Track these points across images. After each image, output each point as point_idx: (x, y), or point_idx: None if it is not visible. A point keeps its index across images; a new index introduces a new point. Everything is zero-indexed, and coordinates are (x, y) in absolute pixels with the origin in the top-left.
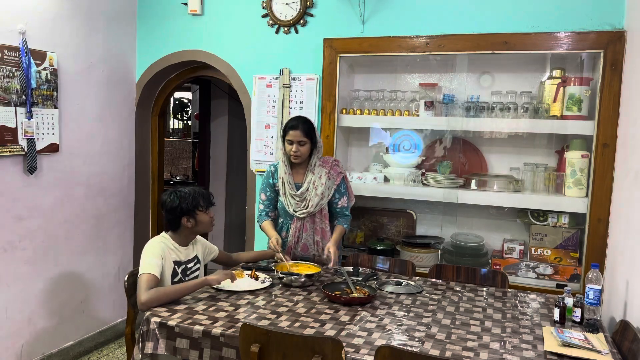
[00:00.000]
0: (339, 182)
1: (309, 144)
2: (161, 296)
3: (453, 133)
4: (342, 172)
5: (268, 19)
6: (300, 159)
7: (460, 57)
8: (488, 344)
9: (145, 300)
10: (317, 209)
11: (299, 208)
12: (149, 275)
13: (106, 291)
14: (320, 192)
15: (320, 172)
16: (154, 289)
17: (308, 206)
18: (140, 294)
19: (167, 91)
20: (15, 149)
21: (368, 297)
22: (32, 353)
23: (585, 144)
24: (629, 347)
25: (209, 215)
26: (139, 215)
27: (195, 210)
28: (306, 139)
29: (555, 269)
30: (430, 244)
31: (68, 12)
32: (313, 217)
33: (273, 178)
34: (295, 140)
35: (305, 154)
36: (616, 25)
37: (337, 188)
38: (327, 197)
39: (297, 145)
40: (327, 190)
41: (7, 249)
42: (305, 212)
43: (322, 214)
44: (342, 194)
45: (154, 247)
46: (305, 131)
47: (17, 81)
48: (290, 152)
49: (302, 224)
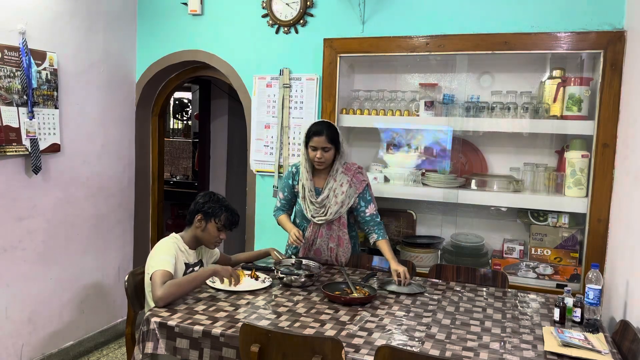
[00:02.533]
0: (361, 190)
1: (333, 150)
2: (175, 289)
3: (453, 133)
4: (365, 179)
5: (268, 19)
6: (324, 165)
7: (460, 57)
8: (488, 344)
9: (162, 295)
10: (335, 217)
11: (317, 214)
12: (164, 272)
13: (106, 291)
14: (340, 200)
15: (342, 180)
16: (167, 283)
17: (327, 213)
18: (155, 290)
19: (167, 91)
20: (20, 148)
21: (368, 297)
22: (32, 353)
23: (585, 144)
24: (629, 347)
25: (218, 232)
26: (139, 215)
27: (211, 218)
28: (331, 145)
29: (555, 269)
30: (430, 244)
31: (68, 12)
32: (330, 224)
33: (293, 179)
34: (319, 147)
35: (329, 160)
36: (616, 25)
37: (362, 195)
38: (348, 205)
39: (322, 152)
40: (347, 199)
41: (8, 249)
42: (324, 219)
43: (340, 221)
44: (369, 201)
45: (167, 246)
46: (330, 137)
47: (18, 81)
48: (315, 158)
49: (319, 230)
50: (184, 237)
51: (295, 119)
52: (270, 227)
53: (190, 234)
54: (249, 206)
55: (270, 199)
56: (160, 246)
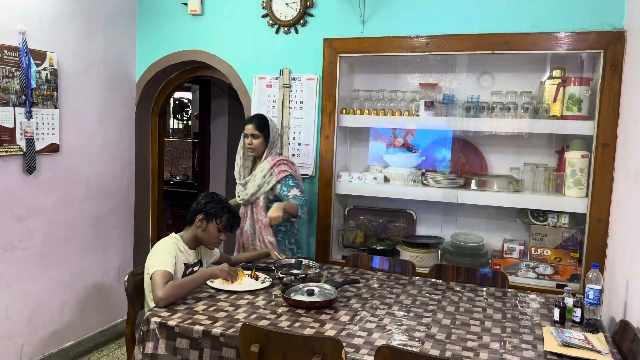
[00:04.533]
0: (281, 177)
1: (261, 138)
2: (176, 290)
3: (453, 133)
4: (287, 171)
5: (268, 19)
6: (255, 152)
7: (460, 57)
8: (488, 344)
9: (163, 295)
10: (252, 198)
11: (240, 194)
12: (164, 272)
13: (106, 291)
14: (257, 183)
15: (264, 167)
16: (168, 284)
17: (248, 194)
18: (156, 290)
19: (167, 91)
20: (13, 149)
21: (329, 300)
22: (32, 353)
23: (585, 144)
24: (629, 347)
25: (218, 233)
26: (139, 215)
27: (212, 218)
28: (258, 132)
29: (555, 269)
30: (431, 244)
31: (68, 12)
32: (252, 207)
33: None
34: (249, 134)
35: (259, 147)
36: (616, 25)
37: (284, 182)
38: (263, 190)
39: (252, 139)
40: (265, 185)
41: (7, 249)
42: (243, 199)
43: (258, 205)
44: (291, 186)
45: (167, 246)
46: (258, 125)
47: (17, 81)
48: (246, 144)
49: (245, 212)
50: (184, 237)
51: (295, 119)
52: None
53: (190, 234)
54: None
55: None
56: (159, 246)
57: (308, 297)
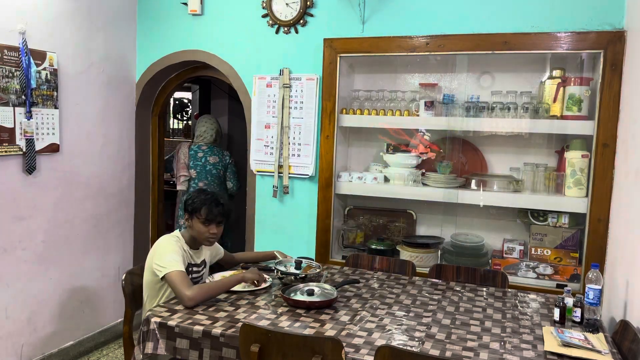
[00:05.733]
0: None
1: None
2: (206, 293)
3: (453, 133)
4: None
5: (268, 19)
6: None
7: (460, 57)
8: (488, 344)
9: (193, 295)
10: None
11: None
12: (181, 272)
13: (106, 291)
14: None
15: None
16: (198, 286)
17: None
18: (183, 289)
19: (167, 91)
20: (12, 149)
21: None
22: (32, 353)
23: (585, 144)
24: (629, 347)
25: (206, 228)
26: (139, 215)
27: (193, 214)
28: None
29: (555, 269)
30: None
31: (68, 12)
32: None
33: None
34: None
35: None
36: (616, 25)
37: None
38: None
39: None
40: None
41: (7, 249)
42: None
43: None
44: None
45: (172, 245)
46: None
47: (17, 81)
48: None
49: None
50: (185, 236)
51: (295, 119)
52: (270, 227)
53: (188, 234)
54: (249, 206)
55: (271, 199)
56: (164, 245)
57: (308, 297)
